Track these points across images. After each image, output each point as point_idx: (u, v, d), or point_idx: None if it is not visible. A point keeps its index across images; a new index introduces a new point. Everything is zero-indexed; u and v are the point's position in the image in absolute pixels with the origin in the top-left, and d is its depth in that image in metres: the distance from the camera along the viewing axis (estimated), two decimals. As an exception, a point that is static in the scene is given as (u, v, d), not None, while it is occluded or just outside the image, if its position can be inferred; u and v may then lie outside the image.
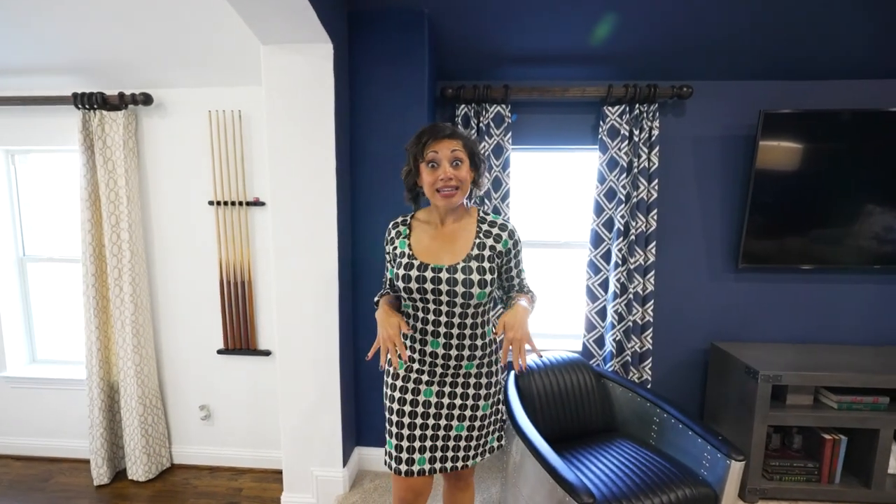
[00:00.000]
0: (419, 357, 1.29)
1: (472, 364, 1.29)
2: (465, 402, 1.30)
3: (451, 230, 1.27)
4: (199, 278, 2.45)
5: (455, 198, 1.21)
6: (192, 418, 2.57)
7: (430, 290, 1.21)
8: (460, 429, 1.31)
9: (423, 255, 1.25)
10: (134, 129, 2.34)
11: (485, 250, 1.24)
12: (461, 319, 1.24)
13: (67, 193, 2.59)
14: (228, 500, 2.33)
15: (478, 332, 1.27)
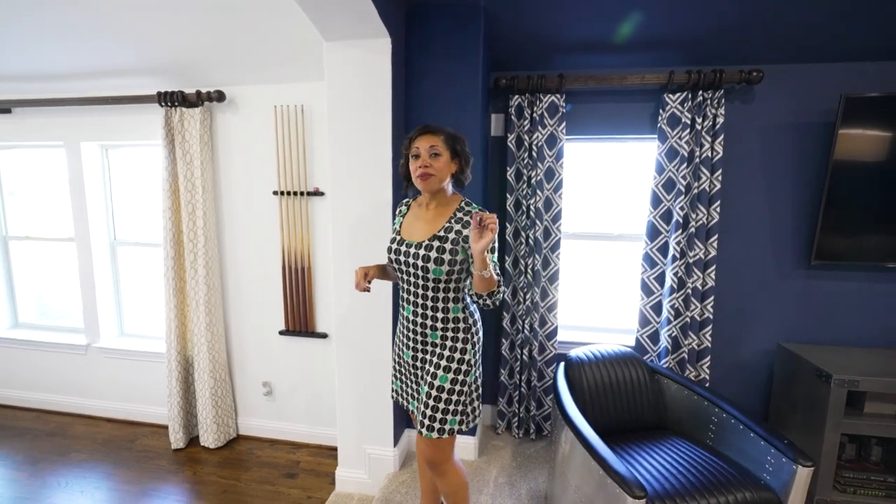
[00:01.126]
0: (402, 321, 1.49)
1: (436, 334, 1.42)
2: (429, 368, 1.43)
3: (432, 214, 1.43)
4: (264, 263, 2.63)
5: (430, 182, 1.36)
6: (256, 393, 2.77)
7: (402, 261, 1.40)
8: (426, 395, 1.42)
9: (404, 232, 1.46)
10: (209, 124, 2.53)
11: (451, 233, 1.36)
12: (424, 291, 1.39)
13: (151, 184, 2.85)
14: (288, 471, 2.50)
15: (439, 306, 1.39)
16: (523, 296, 2.35)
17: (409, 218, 1.50)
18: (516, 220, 2.34)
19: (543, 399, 2.43)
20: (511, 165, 2.29)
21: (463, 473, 1.54)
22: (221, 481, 2.41)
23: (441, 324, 1.41)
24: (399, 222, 1.51)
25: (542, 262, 2.31)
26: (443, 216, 1.40)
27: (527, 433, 2.46)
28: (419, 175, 1.35)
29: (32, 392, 3.12)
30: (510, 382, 2.45)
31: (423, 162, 1.35)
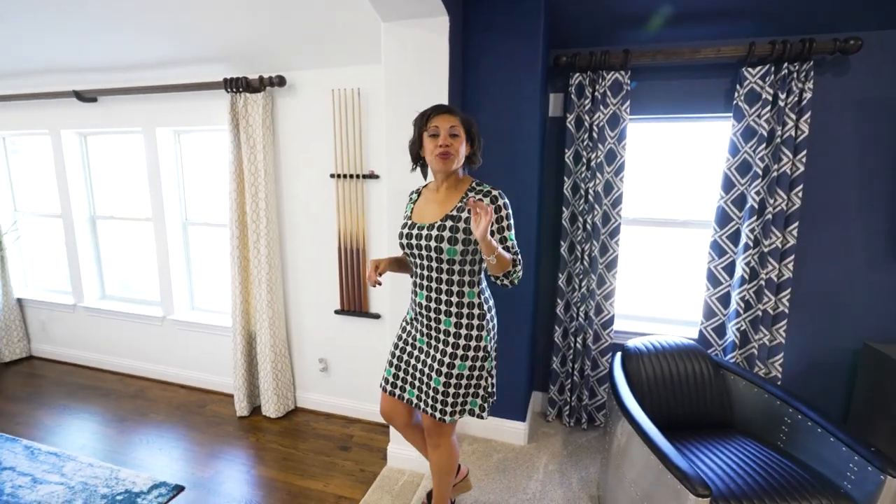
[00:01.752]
0: (414, 308, 1.46)
1: (450, 321, 1.38)
2: (444, 358, 1.39)
3: (443, 195, 1.40)
4: (321, 245, 2.72)
5: (449, 161, 1.33)
6: (313, 369, 2.89)
7: (415, 245, 1.37)
8: (437, 383, 1.39)
9: (415, 216, 1.44)
10: (270, 109, 2.62)
11: (463, 212, 1.33)
12: (438, 274, 1.36)
13: (218, 167, 3.01)
14: (342, 444, 2.61)
15: (454, 290, 1.36)
16: (578, 283, 2.28)
17: (419, 203, 1.48)
18: (573, 204, 2.26)
19: (597, 389, 2.37)
20: (569, 147, 2.20)
21: (456, 451, 1.57)
22: (281, 449, 2.56)
23: (455, 308, 1.38)
24: (410, 209, 1.50)
25: (599, 249, 2.23)
26: (454, 197, 1.39)
27: (578, 422, 2.42)
28: (439, 154, 1.33)
29: (117, 357, 3.44)
30: (562, 370, 2.41)
31: (443, 141, 1.33)
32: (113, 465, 2.36)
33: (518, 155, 2.06)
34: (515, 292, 2.15)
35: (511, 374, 2.23)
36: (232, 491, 2.22)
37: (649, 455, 1.41)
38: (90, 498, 2.12)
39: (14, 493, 2.14)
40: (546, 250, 2.36)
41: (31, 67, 3.01)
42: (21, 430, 2.70)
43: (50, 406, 2.99)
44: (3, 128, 3.39)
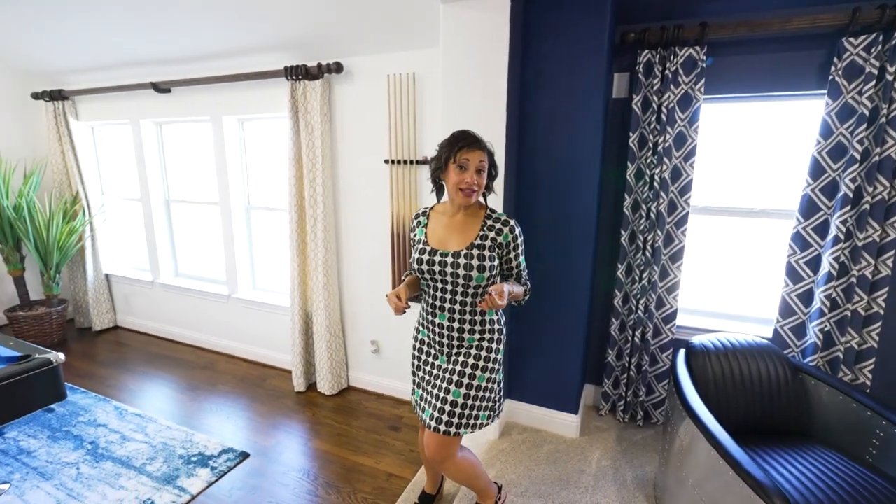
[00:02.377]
0: (430, 327, 1.50)
1: (474, 338, 1.46)
2: (465, 369, 1.45)
3: (461, 222, 1.45)
4: (375, 229, 2.76)
5: (472, 198, 1.39)
6: (365, 350, 2.98)
7: (438, 271, 1.40)
8: (457, 395, 1.44)
9: (435, 242, 1.45)
10: (328, 95, 2.67)
11: (486, 241, 1.41)
12: (463, 297, 1.41)
13: (279, 153, 3.13)
14: (391, 424, 2.68)
15: (478, 310, 1.44)
16: (639, 274, 2.17)
17: (434, 227, 1.48)
18: (636, 191, 2.13)
19: (654, 385, 2.26)
20: (634, 130, 2.07)
21: (467, 461, 1.57)
22: (335, 425, 2.67)
23: (479, 326, 1.46)
24: (423, 232, 1.49)
25: (664, 239, 2.10)
26: (474, 225, 1.43)
27: (633, 418, 2.33)
28: (464, 189, 1.37)
29: (189, 330, 3.72)
30: (617, 364, 2.32)
31: (472, 178, 1.36)
32: (188, 429, 2.57)
33: (579, 139, 1.97)
34: (570, 282, 2.08)
35: (563, 365, 2.18)
36: (291, 461, 2.35)
37: (717, 460, 1.33)
38: (169, 457, 2.32)
39: (107, 447, 2.39)
40: (604, 239, 2.25)
41: (115, 62, 3.25)
42: (111, 391, 3.00)
43: (133, 372, 3.30)
44: (92, 118, 3.70)
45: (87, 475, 2.19)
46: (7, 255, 3.50)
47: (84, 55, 3.26)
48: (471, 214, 1.46)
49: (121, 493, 2.08)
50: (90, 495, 2.06)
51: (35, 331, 3.53)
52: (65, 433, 2.50)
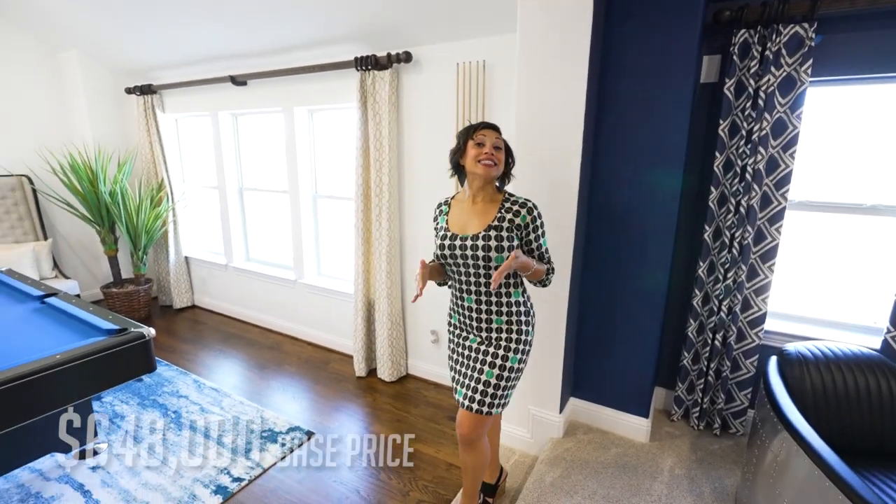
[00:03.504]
0: (460, 311, 1.53)
1: (502, 319, 1.48)
2: (497, 351, 1.48)
3: (480, 207, 1.47)
4: (438, 220, 2.76)
5: (492, 170, 1.41)
6: (425, 339, 3.00)
7: (460, 255, 1.44)
8: (490, 375, 1.47)
9: (455, 227, 1.49)
10: (396, 85, 2.68)
11: (504, 222, 1.43)
12: (486, 279, 1.44)
13: (345, 143, 3.20)
14: (450, 414, 2.68)
15: (501, 292, 1.47)
16: (723, 273, 2.01)
17: (455, 215, 1.53)
18: (724, 183, 1.97)
19: (735, 392, 2.11)
20: (725, 118, 1.91)
21: (488, 450, 1.61)
22: (395, 411, 2.72)
23: (506, 307, 1.49)
24: (444, 220, 1.54)
25: (754, 236, 1.93)
26: (492, 209, 1.46)
27: (709, 426, 2.19)
28: (484, 160, 1.40)
29: (258, 312, 3.92)
30: (694, 368, 2.18)
31: (489, 149, 1.41)
32: (258, 405, 2.71)
33: (663, 127, 1.84)
34: (646, 277, 1.97)
35: (634, 366, 2.08)
36: (353, 443, 2.41)
37: (822, 480, 1.20)
38: (243, 431, 2.46)
39: (189, 417, 2.58)
40: (684, 234, 2.11)
41: (197, 57, 3.45)
42: (190, 366, 3.23)
43: (209, 349, 3.53)
44: (176, 111, 3.96)
45: (172, 441, 2.37)
46: (103, 237, 3.85)
47: (170, 52, 3.48)
48: (489, 200, 1.48)
49: (201, 460, 2.24)
50: (174, 460, 2.23)
51: (125, 306, 3.87)
52: (152, 401, 2.72)
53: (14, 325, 2.15)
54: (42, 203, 3.85)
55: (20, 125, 3.78)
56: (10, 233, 3.67)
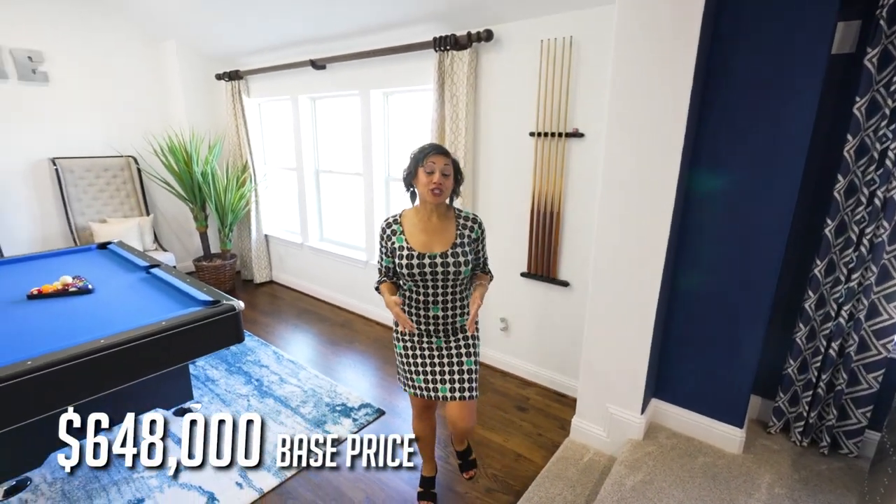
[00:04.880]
0: (424, 320, 1.63)
1: (464, 319, 1.65)
2: (467, 341, 1.67)
3: (437, 225, 1.59)
4: (513, 205, 2.67)
5: (441, 197, 1.54)
6: (493, 326, 2.96)
7: (430, 272, 1.55)
8: (469, 363, 1.66)
9: (419, 247, 1.57)
10: (475, 65, 2.60)
11: (464, 238, 1.60)
12: (453, 289, 1.60)
13: (419, 126, 3.18)
14: (518, 404, 2.64)
15: (464, 296, 1.64)
16: (846, 274, 1.77)
17: (412, 233, 1.59)
18: (855, 171, 1.71)
19: (851, 409, 1.86)
20: (864, 94, 1.64)
21: None
22: (462, 396, 2.71)
23: (466, 309, 1.64)
24: (402, 239, 1.59)
25: (890, 233, 1.67)
26: (449, 226, 1.60)
27: (814, 443, 1.96)
28: (433, 189, 1.51)
29: (331, 290, 4.08)
30: (800, 378, 1.95)
31: (438, 179, 1.51)
32: (332, 380, 2.83)
33: (783, 105, 1.62)
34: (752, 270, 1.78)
35: (730, 369, 1.90)
36: (422, 425, 2.44)
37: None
38: (318, 403, 2.58)
39: (269, 386, 2.74)
40: (798, 228, 1.87)
41: (280, 43, 3.57)
42: (270, 338, 3.43)
43: (285, 322, 3.73)
44: (259, 95, 4.16)
45: (256, 408, 2.53)
46: (195, 214, 4.16)
47: (256, 38, 3.63)
48: (443, 216, 1.61)
49: (281, 427, 2.37)
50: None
51: (213, 279, 4.18)
52: (237, 368, 2.93)
53: (126, 291, 2.38)
54: (145, 182, 4.23)
55: (129, 111, 4.15)
56: (120, 208, 4.08)
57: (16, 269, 2.69)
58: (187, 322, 1.95)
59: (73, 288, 2.31)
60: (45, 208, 3.85)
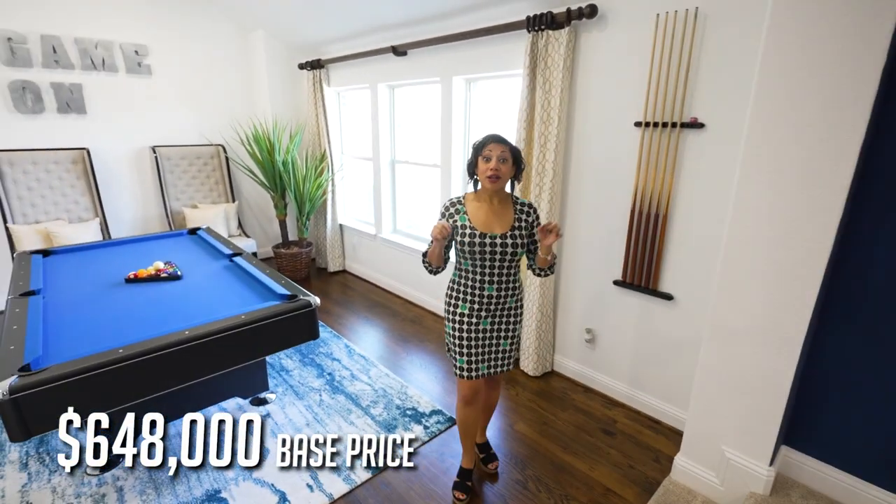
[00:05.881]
0: (478, 299, 1.71)
1: (513, 299, 1.75)
2: (509, 325, 1.78)
3: (498, 209, 1.69)
4: (609, 204, 2.38)
5: (498, 183, 1.63)
6: (577, 337, 2.69)
7: (489, 251, 1.64)
8: (505, 344, 1.80)
9: (481, 226, 1.65)
10: (573, 46, 2.31)
11: (521, 223, 1.70)
12: (506, 270, 1.69)
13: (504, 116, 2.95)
14: (604, 426, 2.36)
15: (516, 278, 1.74)
16: None
17: (475, 213, 1.68)
18: None
19: None
20: None
21: None
22: (540, 411, 2.49)
23: (516, 291, 1.76)
24: (465, 219, 1.67)
25: None
26: (508, 210, 1.70)
27: None
28: (489, 176, 1.60)
29: (402, 284, 4.01)
30: None
31: (495, 165, 1.60)
32: (402, 380, 2.73)
33: None
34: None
35: (897, 425, 1.50)
36: (497, 441, 2.26)
37: None
38: (388, 405, 2.49)
39: (341, 381, 2.70)
40: None
41: (361, 30, 3.49)
42: (341, 329, 3.42)
43: (356, 314, 3.71)
44: (339, 84, 4.13)
45: (327, 404, 2.49)
46: (276, 202, 4.27)
47: (338, 25, 3.58)
48: (503, 202, 1.71)
49: (351, 428, 2.30)
50: (329, 423, 2.33)
51: (290, 266, 4.28)
52: (310, 360, 2.92)
53: (210, 279, 2.42)
54: (231, 170, 4.40)
55: (218, 101, 4.32)
56: (209, 195, 4.28)
57: (120, 251, 2.87)
58: (265, 317, 1.91)
59: (164, 273, 2.39)
60: (146, 192, 4.13)
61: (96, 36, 3.64)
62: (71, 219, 3.66)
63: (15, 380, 1.46)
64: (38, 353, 1.62)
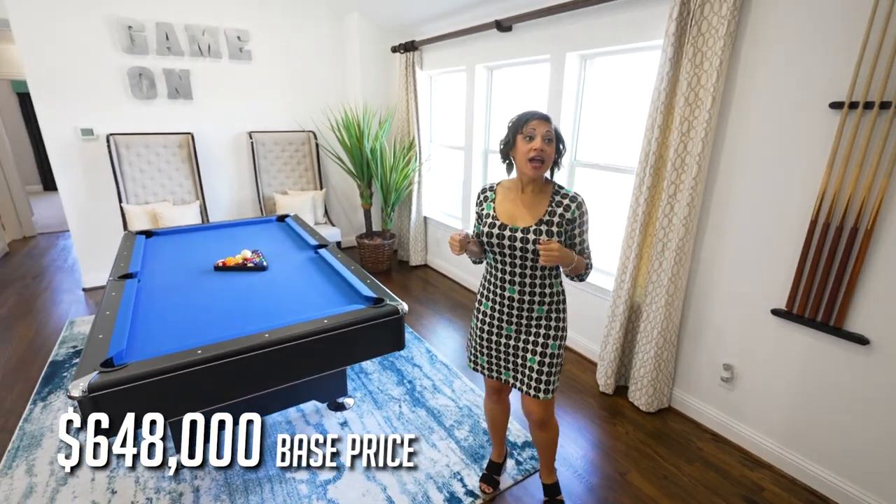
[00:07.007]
0: (499, 300, 1.54)
1: (543, 309, 1.51)
2: (537, 339, 1.53)
3: (529, 198, 1.47)
4: (775, 211, 1.83)
5: (540, 169, 1.40)
6: (709, 372, 2.18)
7: (508, 245, 1.46)
8: (532, 361, 1.54)
9: (504, 217, 1.48)
10: (740, 5, 1.79)
11: (554, 217, 1.43)
12: (532, 271, 1.47)
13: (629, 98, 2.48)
14: (746, 494, 1.86)
15: (546, 283, 1.49)
16: None
17: (502, 203, 1.51)
18: None
19: None
20: None
21: (557, 424, 1.68)
22: (658, 460, 2.04)
23: (548, 298, 1.51)
24: (491, 207, 1.52)
25: None
26: (542, 201, 1.46)
27: None
28: (532, 158, 1.38)
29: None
30: None
31: (538, 145, 1.38)
32: (490, 399, 2.41)
33: None
34: None
35: None
36: (603, 493, 1.86)
37: None
38: (474, 428, 2.18)
39: (422, 392, 2.45)
40: None
41: (457, 6, 3.16)
42: (422, 330, 3.18)
43: (438, 315, 3.46)
44: (432, 67, 3.86)
45: (407, 417, 2.25)
46: (362, 191, 4.14)
47: (435, 1, 3.29)
48: (539, 190, 1.48)
49: (434, 452, 2.03)
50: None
51: (372, 258, 4.14)
52: (390, 364, 2.71)
53: (295, 273, 2.28)
54: (321, 157, 4.35)
55: (311, 86, 4.27)
56: (299, 181, 4.26)
57: (213, 235, 2.86)
58: (349, 323, 1.69)
59: (250, 263, 2.29)
60: (241, 177, 4.21)
61: (203, 22, 3.71)
62: (175, 201, 3.80)
63: (95, 377, 1.36)
64: (121, 346, 1.54)
